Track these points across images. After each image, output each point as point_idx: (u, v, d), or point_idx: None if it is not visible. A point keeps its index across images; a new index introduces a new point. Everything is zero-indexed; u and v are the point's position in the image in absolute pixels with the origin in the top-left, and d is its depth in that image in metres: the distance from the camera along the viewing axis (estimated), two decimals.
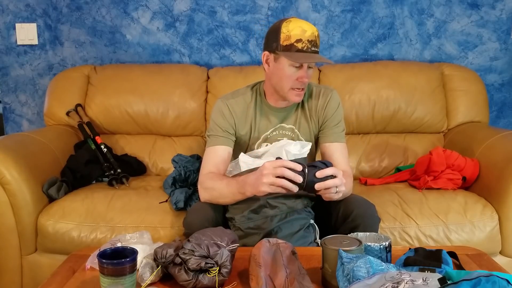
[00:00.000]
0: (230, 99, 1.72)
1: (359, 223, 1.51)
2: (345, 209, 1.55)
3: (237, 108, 1.70)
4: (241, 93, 1.74)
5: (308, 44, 1.54)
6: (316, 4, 2.64)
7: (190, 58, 2.71)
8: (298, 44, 1.53)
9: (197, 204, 1.67)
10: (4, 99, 2.81)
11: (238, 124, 1.70)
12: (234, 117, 1.70)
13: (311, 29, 1.55)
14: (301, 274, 1.16)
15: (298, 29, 1.53)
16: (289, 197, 1.60)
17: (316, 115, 1.71)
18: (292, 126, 1.72)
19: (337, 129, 1.71)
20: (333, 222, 1.60)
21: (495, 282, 0.89)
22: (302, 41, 1.53)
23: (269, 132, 1.71)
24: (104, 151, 2.30)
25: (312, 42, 1.54)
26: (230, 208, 1.64)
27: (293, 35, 1.53)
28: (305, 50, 1.54)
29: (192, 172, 2.08)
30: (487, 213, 1.88)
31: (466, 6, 2.63)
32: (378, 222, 1.58)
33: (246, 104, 1.72)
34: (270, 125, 1.71)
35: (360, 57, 2.69)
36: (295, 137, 1.72)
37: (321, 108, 1.70)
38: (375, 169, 2.38)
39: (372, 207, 1.58)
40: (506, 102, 2.72)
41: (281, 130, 1.71)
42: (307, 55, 1.54)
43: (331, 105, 1.70)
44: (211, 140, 1.70)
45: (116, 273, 1.13)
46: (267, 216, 1.57)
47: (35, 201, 1.93)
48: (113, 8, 2.68)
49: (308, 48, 1.54)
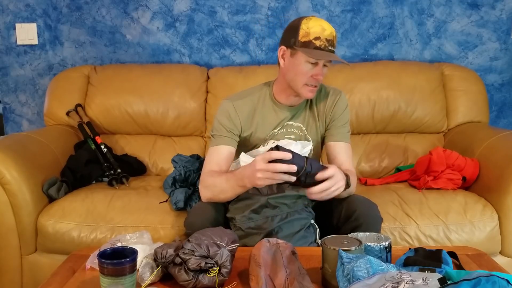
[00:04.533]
0: (237, 100, 1.71)
1: (362, 223, 1.52)
2: (348, 209, 1.56)
3: (244, 109, 1.69)
4: (248, 93, 1.74)
5: (326, 43, 1.56)
6: (316, 4, 2.64)
7: (190, 58, 2.71)
8: (317, 41, 1.55)
9: (198, 204, 1.67)
10: (4, 99, 2.81)
11: (244, 125, 1.70)
12: (240, 118, 1.69)
13: (330, 28, 1.57)
14: (301, 274, 1.16)
15: (318, 27, 1.55)
16: (290, 197, 1.60)
17: (324, 114, 1.73)
18: (300, 124, 1.73)
19: (343, 129, 1.72)
20: (335, 221, 1.61)
21: (495, 282, 0.89)
22: (320, 39, 1.55)
23: (277, 130, 1.71)
24: (104, 151, 2.30)
25: (330, 41, 1.56)
26: (231, 208, 1.65)
27: (313, 32, 1.55)
28: (323, 48, 1.56)
29: (192, 172, 2.08)
30: (487, 213, 1.88)
31: (466, 6, 2.63)
32: (381, 222, 1.59)
33: (253, 104, 1.71)
34: (278, 122, 1.71)
35: (360, 57, 2.69)
36: (302, 135, 1.72)
37: (329, 107, 1.72)
38: (375, 169, 2.38)
39: (375, 206, 1.59)
40: (506, 102, 2.72)
41: (289, 128, 1.72)
42: (324, 53, 1.56)
43: (339, 105, 1.72)
44: (215, 140, 1.69)
45: (116, 273, 1.13)
46: (268, 216, 1.57)
47: (35, 201, 1.93)
48: (113, 8, 2.68)
49: (325, 46, 1.56)
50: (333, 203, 1.62)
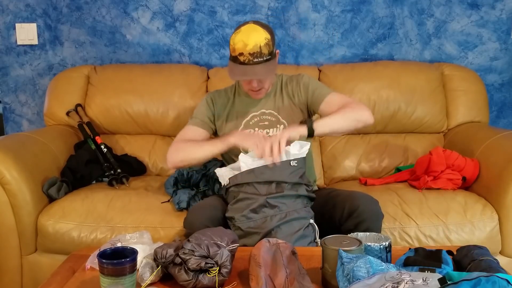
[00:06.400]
0: (215, 92, 1.95)
1: (365, 218, 1.56)
2: (351, 205, 1.60)
3: (219, 100, 1.90)
4: (226, 88, 1.95)
5: (250, 57, 1.67)
6: (316, 4, 2.64)
7: (190, 58, 2.71)
8: (241, 57, 1.68)
9: (198, 204, 1.69)
10: (4, 99, 2.81)
11: (217, 114, 1.89)
12: (214, 107, 1.89)
13: (253, 41, 1.66)
14: (301, 274, 1.16)
15: (240, 43, 1.67)
16: (289, 196, 1.61)
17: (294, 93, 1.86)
18: (271, 111, 1.85)
19: (321, 88, 1.85)
20: (337, 218, 1.63)
21: (495, 282, 0.89)
22: (243, 55, 1.67)
23: (249, 118, 1.85)
24: (104, 151, 2.30)
25: (255, 54, 1.66)
26: (230, 208, 1.65)
27: (237, 48, 1.68)
28: (246, 62, 1.67)
29: (194, 173, 2.08)
30: (487, 213, 1.88)
31: (466, 6, 2.63)
32: (382, 218, 1.64)
33: (227, 96, 1.91)
34: (250, 111, 1.85)
35: (360, 57, 2.69)
36: (275, 120, 1.84)
37: (295, 85, 1.87)
38: (375, 169, 2.38)
39: (377, 203, 1.63)
40: (506, 102, 2.72)
41: (262, 116, 1.85)
42: (247, 69, 1.67)
43: (304, 79, 1.87)
44: (191, 121, 1.90)
45: (116, 273, 1.14)
46: (267, 215, 1.57)
47: (35, 201, 1.93)
48: (113, 8, 2.68)
49: (249, 60, 1.67)
50: (335, 200, 1.66)
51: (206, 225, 1.53)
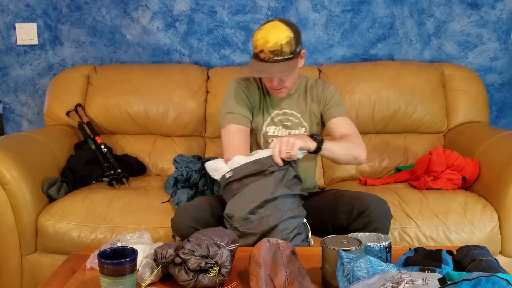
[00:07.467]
0: (244, 80, 1.86)
1: (374, 218, 1.57)
2: (360, 205, 1.60)
3: (251, 88, 1.84)
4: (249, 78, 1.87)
5: (270, 55, 1.65)
6: (316, 4, 2.64)
7: (190, 58, 2.71)
8: (261, 54, 1.66)
9: (184, 205, 1.72)
10: (4, 99, 2.81)
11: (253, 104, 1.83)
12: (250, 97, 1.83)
13: (274, 39, 1.64)
14: (301, 274, 1.16)
15: (261, 40, 1.65)
16: (284, 196, 1.61)
17: (317, 98, 1.85)
18: (294, 112, 1.84)
19: (338, 107, 1.84)
20: (344, 218, 1.63)
21: (495, 282, 0.89)
22: (264, 52, 1.65)
23: (274, 115, 1.83)
24: (104, 151, 2.30)
25: (275, 52, 1.64)
26: (229, 204, 1.64)
27: (258, 45, 1.66)
28: (266, 60, 1.65)
29: (194, 173, 2.08)
30: (487, 213, 1.88)
31: (466, 6, 2.63)
32: (391, 219, 1.63)
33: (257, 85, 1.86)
34: (274, 109, 1.83)
35: (360, 57, 2.69)
36: (298, 122, 1.83)
37: (321, 91, 1.85)
38: (375, 169, 2.38)
39: (386, 203, 1.64)
40: (506, 102, 2.72)
41: (285, 116, 1.84)
42: (266, 66, 1.65)
43: (330, 90, 1.85)
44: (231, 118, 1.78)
45: (116, 273, 1.13)
46: (263, 216, 1.57)
47: (35, 201, 1.93)
48: (113, 8, 2.68)
49: (269, 58, 1.65)
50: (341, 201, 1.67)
51: (191, 225, 1.53)
